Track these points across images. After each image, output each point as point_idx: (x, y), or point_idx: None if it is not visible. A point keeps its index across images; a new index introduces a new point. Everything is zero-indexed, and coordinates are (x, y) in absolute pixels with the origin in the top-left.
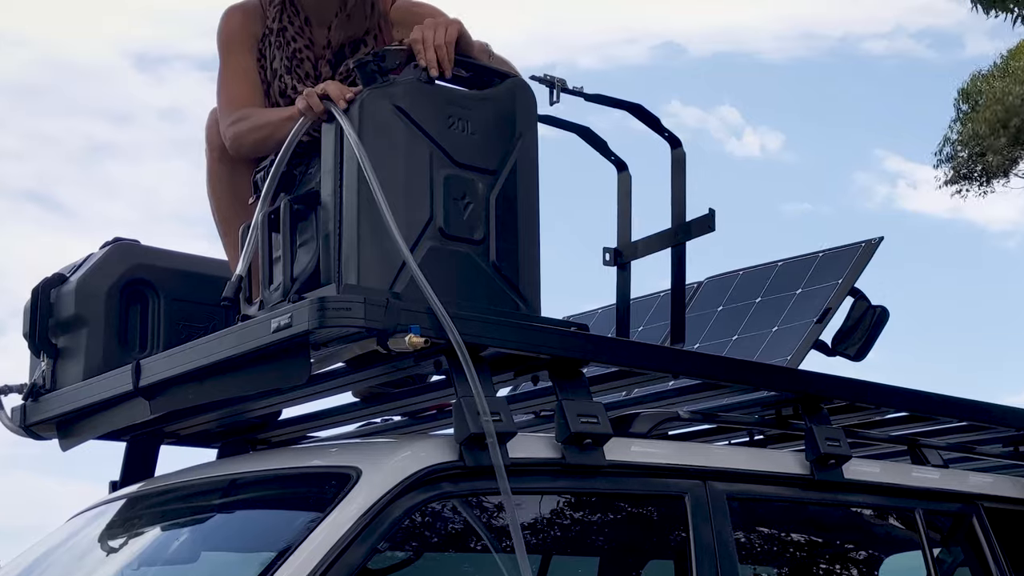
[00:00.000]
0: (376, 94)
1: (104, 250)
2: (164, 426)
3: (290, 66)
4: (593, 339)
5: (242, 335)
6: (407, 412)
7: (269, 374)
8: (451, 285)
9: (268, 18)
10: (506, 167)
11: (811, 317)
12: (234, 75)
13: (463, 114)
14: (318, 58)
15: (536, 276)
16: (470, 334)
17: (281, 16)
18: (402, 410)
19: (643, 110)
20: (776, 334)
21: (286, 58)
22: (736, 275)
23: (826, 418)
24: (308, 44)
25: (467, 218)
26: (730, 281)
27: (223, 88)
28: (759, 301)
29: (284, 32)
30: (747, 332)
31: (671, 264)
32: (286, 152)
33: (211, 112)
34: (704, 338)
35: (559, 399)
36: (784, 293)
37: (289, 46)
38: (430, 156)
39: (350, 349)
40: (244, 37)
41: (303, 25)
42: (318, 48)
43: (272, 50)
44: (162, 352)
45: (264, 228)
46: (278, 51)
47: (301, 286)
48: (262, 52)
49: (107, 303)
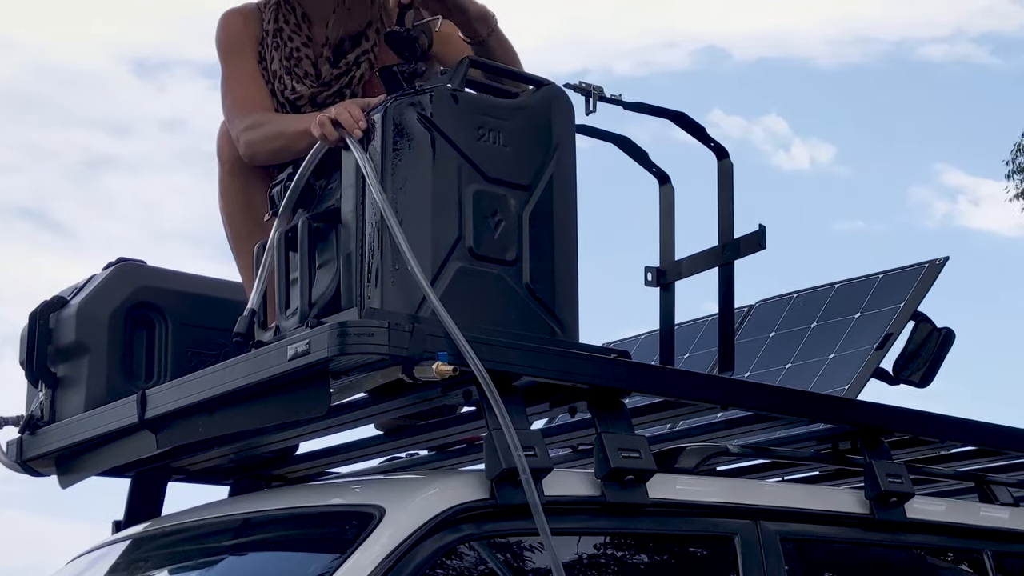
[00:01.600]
0: (401, 103)
1: (107, 271)
2: (172, 461)
3: (289, 66)
4: (635, 367)
5: (256, 363)
6: (434, 446)
7: (285, 405)
8: (481, 309)
9: (264, 20)
10: (541, 182)
11: (871, 343)
12: (240, 78)
13: (495, 125)
14: (317, 56)
15: (573, 299)
16: (501, 362)
17: (277, 16)
18: (429, 444)
19: (687, 119)
20: (833, 361)
21: (284, 58)
22: (790, 298)
23: (887, 452)
24: (306, 42)
25: (499, 237)
26: (783, 304)
27: (230, 91)
28: (815, 326)
29: (280, 32)
30: (802, 359)
31: (719, 285)
32: (305, 170)
33: (222, 123)
34: (755, 366)
35: (598, 432)
36: (842, 317)
37: (286, 46)
38: (459, 170)
39: (373, 378)
40: (245, 40)
41: (299, 23)
42: (316, 46)
43: (270, 52)
44: (170, 381)
45: (280, 247)
46: (276, 52)
47: (320, 310)
48: (262, 55)
49: (111, 329)
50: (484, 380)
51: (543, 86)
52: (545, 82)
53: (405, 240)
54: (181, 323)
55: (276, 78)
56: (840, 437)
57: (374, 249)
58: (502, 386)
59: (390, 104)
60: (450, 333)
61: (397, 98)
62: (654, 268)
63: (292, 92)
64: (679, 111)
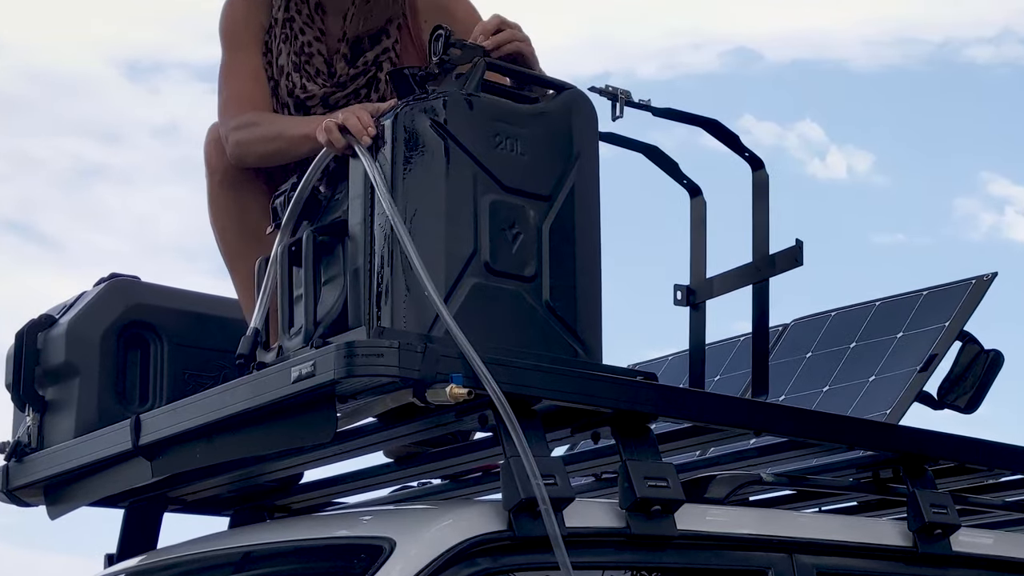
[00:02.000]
0: (412, 109)
1: (99, 288)
2: (168, 491)
3: (298, 62)
4: (662, 390)
5: (257, 386)
6: (448, 474)
7: (289, 431)
8: (498, 328)
9: (274, 7)
10: (562, 192)
11: (914, 364)
12: (239, 71)
13: (512, 131)
14: (331, 52)
15: (597, 317)
16: (519, 384)
17: (288, 4)
18: (442, 472)
19: (720, 126)
20: (874, 384)
21: (294, 53)
22: (827, 316)
23: (931, 481)
24: (319, 36)
25: (517, 251)
26: (820, 323)
27: (226, 85)
28: (854, 346)
29: (291, 23)
30: (840, 382)
31: (752, 304)
32: (309, 179)
33: (210, 128)
34: (790, 389)
35: (623, 459)
36: (883, 337)
37: (297, 39)
38: (474, 180)
39: (382, 402)
40: (249, 29)
41: (312, 14)
42: (331, 41)
43: (278, 44)
44: (166, 405)
45: (284, 263)
46: (284, 45)
47: (326, 329)
48: (268, 46)
49: (102, 349)
50: (501, 404)
51: (564, 90)
52: (566, 86)
53: (417, 254)
54: (177, 343)
55: (283, 74)
56: (881, 465)
57: (384, 264)
58: (520, 410)
59: (401, 109)
60: (465, 354)
61: (408, 103)
62: (684, 286)
63: (303, 91)
64: (712, 118)
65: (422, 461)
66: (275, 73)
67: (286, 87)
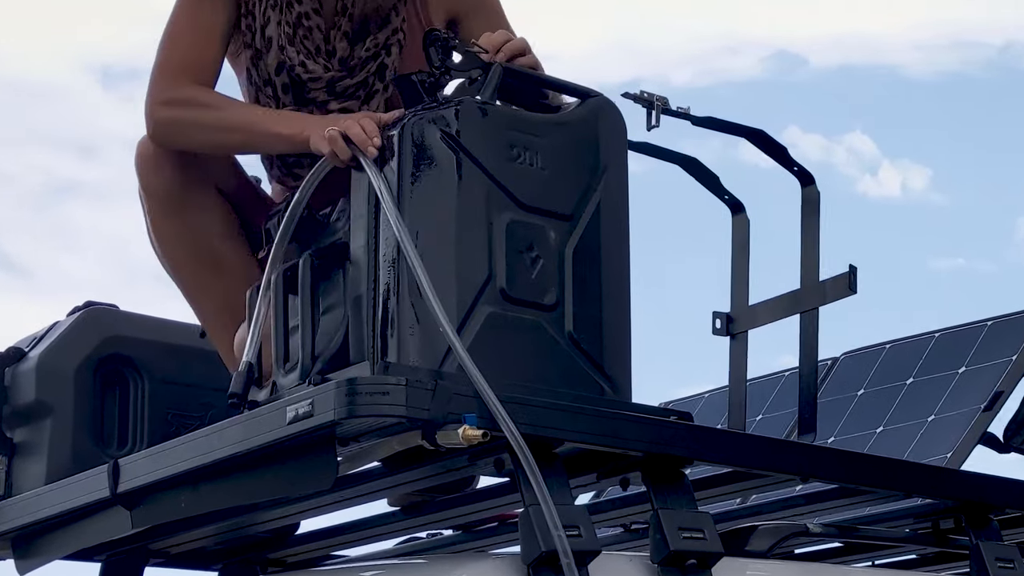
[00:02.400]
0: (421, 118)
1: (73, 318)
2: (149, 543)
3: (292, 35)
4: (698, 431)
5: (249, 427)
6: (460, 524)
7: (284, 477)
8: (515, 363)
9: None
10: (586, 211)
11: (977, 403)
12: (190, 27)
13: (531, 143)
14: (329, 28)
15: (625, 350)
16: (539, 425)
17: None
18: (453, 522)
19: (766, 137)
20: (933, 425)
21: (287, 24)
22: (881, 349)
23: (997, 532)
24: (316, 8)
25: (536, 276)
26: (873, 357)
27: (169, 43)
28: (911, 382)
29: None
30: (896, 422)
31: (799, 335)
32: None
33: (141, 142)
34: (840, 430)
35: (655, 508)
36: (943, 372)
37: (292, 8)
38: (489, 197)
39: (388, 445)
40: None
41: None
42: (328, 14)
43: (264, 9)
44: (147, 449)
45: (278, 290)
46: (273, 12)
47: (325, 364)
48: (248, 9)
49: (77, 386)
50: (520, 447)
51: (589, 97)
52: (592, 93)
53: (428, 280)
54: (160, 379)
55: (272, 46)
56: (941, 514)
57: (389, 292)
58: (541, 454)
59: (408, 119)
60: (479, 391)
61: (416, 112)
62: (724, 314)
63: (303, 69)
64: (757, 128)
65: (431, 509)
66: (259, 43)
67: (276, 61)
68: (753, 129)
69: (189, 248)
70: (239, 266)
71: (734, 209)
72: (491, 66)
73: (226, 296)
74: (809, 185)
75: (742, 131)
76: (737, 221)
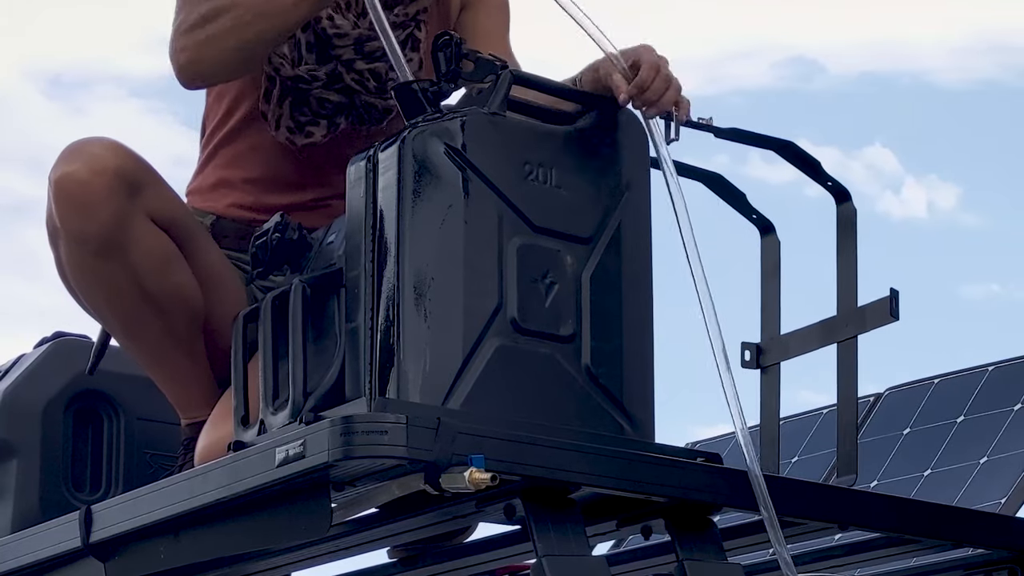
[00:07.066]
0: (423, 132)
1: (41, 350)
2: None
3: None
4: (727, 475)
5: (235, 470)
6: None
7: (274, 525)
8: (527, 399)
9: None
10: (606, 233)
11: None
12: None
13: (545, 159)
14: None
15: (648, 385)
16: (553, 468)
17: None
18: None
19: (797, 150)
20: (986, 467)
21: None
22: (928, 384)
23: None
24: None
25: (551, 305)
26: (920, 393)
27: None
28: (961, 421)
29: None
30: (944, 464)
31: (837, 368)
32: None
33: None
34: (884, 473)
35: (680, 559)
36: (996, 410)
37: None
38: (499, 219)
39: (387, 489)
40: None
41: None
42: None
43: None
44: (123, 494)
45: (267, 321)
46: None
47: (318, 401)
48: None
49: (45, 424)
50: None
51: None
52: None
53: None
54: (137, 417)
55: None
56: (995, 565)
57: (389, 322)
58: (555, 500)
59: (409, 132)
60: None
61: (418, 124)
62: (753, 344)
63: (331, 23)
64: (787, 140)
65: (433, 560)
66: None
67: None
68: (783, 141)
69: (126, 286)
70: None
71: (763, 229)
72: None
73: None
74: (845, 202)
75: (771, 143)
76: (766, 242)
